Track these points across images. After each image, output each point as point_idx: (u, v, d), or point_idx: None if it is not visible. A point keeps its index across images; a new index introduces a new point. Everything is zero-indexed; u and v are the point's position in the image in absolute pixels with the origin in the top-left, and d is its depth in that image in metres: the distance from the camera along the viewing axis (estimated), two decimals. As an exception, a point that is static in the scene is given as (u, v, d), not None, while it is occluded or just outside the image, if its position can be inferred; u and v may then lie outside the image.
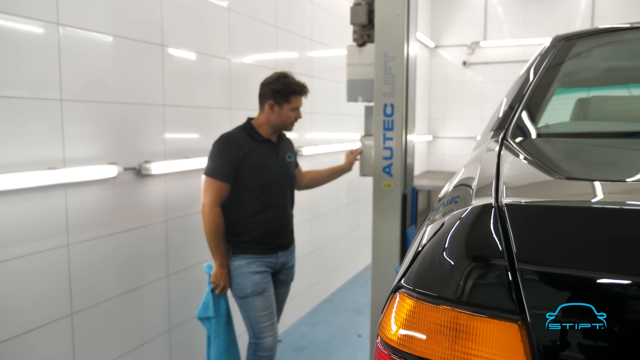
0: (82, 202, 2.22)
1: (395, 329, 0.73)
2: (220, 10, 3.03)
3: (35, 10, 1.98)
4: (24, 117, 1.97)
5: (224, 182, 2.42)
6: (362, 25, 2.81)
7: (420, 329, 0.70)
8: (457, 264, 0.71)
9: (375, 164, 2.77)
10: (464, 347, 0.67)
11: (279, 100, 2.50)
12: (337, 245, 4.89)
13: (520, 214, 0.74)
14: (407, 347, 0.71)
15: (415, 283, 0.74)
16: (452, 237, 0.75)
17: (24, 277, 2.00)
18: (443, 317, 0.69)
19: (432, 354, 0.68)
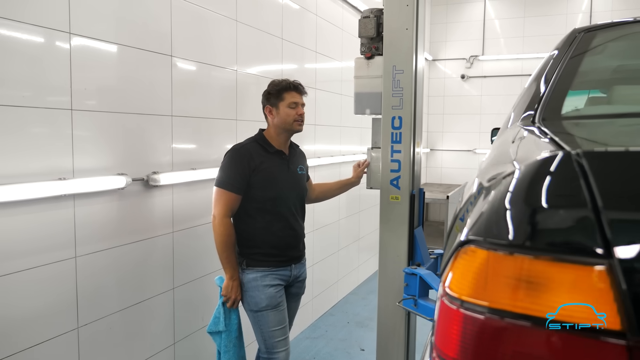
0: (91, 214, 2.19)
1: (464, 283, 0.70)
2: (228, 22, 3.03)
3: (48, 19, 1.96)
4: (35, 127, 1.94)
5: (235, 193, 2.39)
6: (371, 38, 2.81)
7: (495, 281, 0.67)
8: (537, 210, 0.68)
9: (382, 176, 2.76)
10: (544, 296, 0.63)
11: (273, 101, 2.50)
12: (338, 258, 4.87)
13: (599, 160, 0.71)
14: (481, 300, 0.67)
15: (487, 233, 0.70)
16: (529, 184, 0.72)
17: (31, 290, 1.96)
18: (521, 265, 0.65)
19: (509, 305, 0.65)
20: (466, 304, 0.69)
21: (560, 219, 0.67)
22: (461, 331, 0.69)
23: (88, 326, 2.21)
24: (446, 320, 0.72)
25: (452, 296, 0.72)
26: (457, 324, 0.70)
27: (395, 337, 2.79)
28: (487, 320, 0.67)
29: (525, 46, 7.19)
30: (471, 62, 7.55)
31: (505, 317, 0.65)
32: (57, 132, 2.03)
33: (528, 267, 0.65)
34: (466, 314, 0.69)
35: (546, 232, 0.67)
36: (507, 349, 0.65)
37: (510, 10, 7.30)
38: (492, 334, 0.67)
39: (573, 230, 0.65)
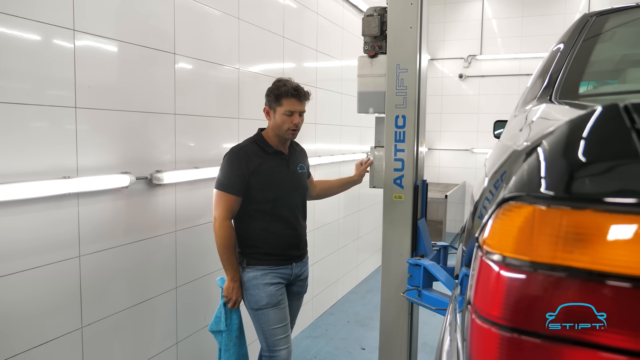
0: (94, 212, 2.17)
1: (508, 240, 0.68)
2: (230, 20, 3.02)
3: (52, 16, 1.94)
4: (39, 125, 1.92)
5: (235, 195, 2.38)
6: (374, 36, 2.80)
7: (541, 235, 0.65)
8: (584, 161, 0.66)
9: (386, 175, 2.75)
10: (593, 248, 0.62)
11: (272, 104, 2.47)
12: (337, 257, 4.86)
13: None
14: (527, 256, 0.66)
15: (531, 188, 0.68)
16: (574, 137, 0.70)
17: (35, 289, 1.95)
18: (569, 218, 0.63)
19: (558, 258, 0.63)
20: (510, 260, 0.67)
21: (609, 168, 0.66)
22: (506, 289, 0.68)
23: (92, 326, 2.19)
24: (488, 280, 0.71)
25: (494, 254, 0.70)
26: (501, 282, 0.69)
27: (397, 335, 2.79)
28: (534, 276, 0.66)
29: (523, 46, 7.21)
30: (469, 61, 7.56)
31: (553, 271, 0.64)
32: (61, 130, 2.01)
33: (576, 219, 0.63)
34: (511, 270, 0.67)
35: (594, 182, 0.65)
36: (554, 303, 0.64)
37: (508, 9, 7.32)
38: (540, 290, 0.65)
39: (623, 180, 0.64)
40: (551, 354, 0.64)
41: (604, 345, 0.61)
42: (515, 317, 0.67)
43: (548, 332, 0.64)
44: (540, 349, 0.65)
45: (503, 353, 0.68)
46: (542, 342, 0.65)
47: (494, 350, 0.69)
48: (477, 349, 0.73)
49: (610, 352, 0.61)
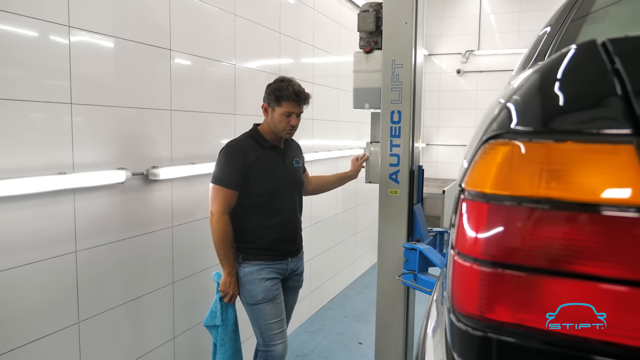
0: (91, 208, 2.18)
1: (488, 177, 0.69)
2: (226, 16, 3.02)
3: (47, 12, 1.95)
4: (34, 121, 1.93)
5: (231, 189, 2.39)
6: (370, 32, 2.81)
7: (520, 169, 0.66)
8: (560, 95, 0.68)
9: (382, 170, 2.77)
10: (571, 180, 0.63)
11: (271, 102, 2.48)
12: (335, 252, 4.88)
13: (624, 43, 0.71)
14: (507, 190, 0.67)
15: (509, 125, 0.69)
16: (550, 73, 0.71)
17: (31, 284, 1.96)
18: (547, 151, 0.65)
19: (537, 191, 0.65)
20: (491, 195, 0.69)
21: (585, 101, 0.67)
22: (486, 224, 0.69)
23: (88, 320, 2.21)
24: (470, 218, 0.72)
25: (475, 192, 0.71)
26: (481, 218, 0.70)
27: (393, 328, 2.81)
28: (514, 209, 0.67)
29: (520, 41, 7.20)
30: (467, 57, 7.56)
31: (533, 204, 0.65)
32: (56, 126, 2.01)
33: (554, 152, 0.65)
34: (492, 205, 0.69)
35: (571, 115, 0.66)
36: (536, 236, 0.65)
37: (506, 5, 7.31)
38: (520, 222, 0.66)
39: (599, 112, 0.65)
40: (534, 286, 0.66)
41: (587, 274, 0.62)
42: (496, 251, 0.68)
43: (530, 264, 0.65)
44: (522, 281, 0.66)
45: (485, 289, 0.69)
46: (525, 275, 0.66)
47: (476, 288, 0.70)
48: (459, 288, 0.74)
49: (593, 281, 0.62)
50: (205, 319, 2.49)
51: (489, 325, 0.69)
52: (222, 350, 2.48)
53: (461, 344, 0.75)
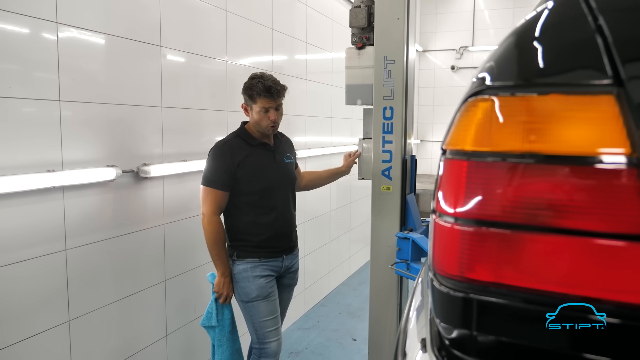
0: (80, 206, 2.17)
1: (468, 134, 0.68)
2: (217, 12, 3.00)
3: (35, 9, 1.93)
4: (22, 119, 1.91)
5: (221, 190, 2.39)
6: (362, 28, 2.79)
7: (500, 125, 0.66)
8: (537, 47, 0.67)
9: (374, 167, 2.76)
10: (552, 132, 0.63)
11: (248, 101, 2.46)
12: (329, 249, 4.88)
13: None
14: (486, 146, 0.66)
15: (487, 83, 0.68)
16: (528, 28, 0.70)
17: (21, 283, 1.94)
18: (526, 105, 0.64)
19: (517, 146, 0.64)
20: (471, 153, 0.68)
21: (565, 53, 0.66)
22: (466, 182, 0.68)
23: (79, 319, 2.19)
24: (450, 177, 0.71)
25: (455, 151, 0.70)
26: (461, 176, 0.69)
27: (386, 326, 2.81)
28: (494, 165, 0.66)
29: (514, 37, 7.20)
30: (461, 53, 7.56)
31: (514, 159, 0.64)
32: (45, 123, 2.00)
33: (534, 106, 0.64)
34: (471, 163, 0.68)
35: (551, 68, 0.65)
36: (517, 190, 0.64)
37: (500, 1, 7.31)
38: (500, 178, 0.66)
39: (579, 63, 0.64)
40: (515, 243, 0.65)
41: (571, 229, 0.62)
42: (477, 209, 0.67)
43: (512, 221, 0.65)
44: (504, 239, 0.66)
45: (466, 249, 0.68)
46: (506, 232, 0.65)
47: (457, 248, 0.70)
48: (440, 250, 0.73)
49: (578, 236, 0.61)
50: (202, 319, 2.49)
51: (470, 286, 0.69)
52: (220, 351, 2.48)
53: (443, 308, 0.74)
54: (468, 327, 0.70)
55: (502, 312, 0.68)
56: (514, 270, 0.65)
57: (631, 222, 0.58)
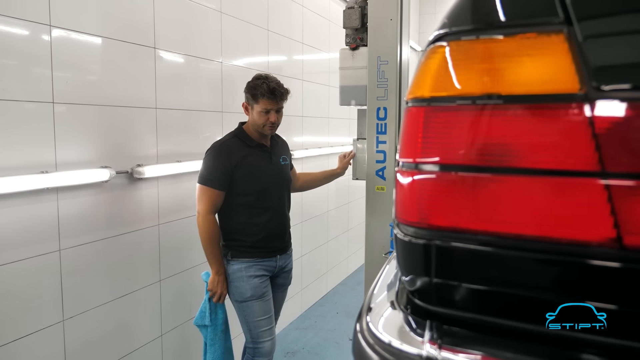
0: (74, 207, 2.18)
1: (428, 81, 0.69)
2: (212, 13, 3.02)
3: (27, 12, 1.94)
4: (15, 120, 1.93)
5: (217, 189, 2.40)
6: (355, 28, 2.81)
7: (458, 69, 0.67)
8: None
9: (368, 167, 2.77)
10: (508, 73, 0.64)
11: (250, 101, 2.48)
12: (327, 249, 4.88)
13: None
14: (443, 91, 0.67)
15: (447, 27, 0.69)
16: None
17: (15, 283, 1.96)
18: (482, 47, 0.65)
19: (472, 89, 0.65)
20: (430, 99, 0.69)
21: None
22: (423, 127, 0.69)
23: (73, 319, 2.21)
24: (410, 125, 0.72)
25: (415, 98, 0.71)
26: (420, 122, 0.70)
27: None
28: (451, 108, 0.67)
29: (513, 36, 7.20)
30: (460, 52, 7.56)
31: (470, 101, 0.65)
32: (38, 125, 2.01)
33: (490, 47, 0.65)
34: (429, 108, 0.69)
35: (505, 9, 0.66)
36: (474, 133, 0.65)
37: (499, 0, 7.30)
38: (458, 121, 0.67)
39: (530, 4, 0.66)
40: (473, 186, 0.66)
41: (523, 168, 0.63)
42: (436, 154, 0.69)
43: (468, 163, 0.66)
44: (462, 182, 0.67)
45: (426, 194, 0.70)
46: (464, 175, 0.66)
47: (418, 194, 0.71)
48: (402, 198, 0.74)
49: (529, 175, 0.63)
50: (195, 318, 2.50)
51: (430, 232, 0.70)
52: (212, 349, 2.49)
53: (405, 257, 0.75)
54: (428, 274, 0.71)
55: (462, 257, 0.69)
56: (471, 213, 0.67)
57: (581, 158, 0.59)
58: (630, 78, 0.58)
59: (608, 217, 0.58)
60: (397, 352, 0.68)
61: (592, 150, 0.58)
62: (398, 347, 0.69)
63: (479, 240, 0.66)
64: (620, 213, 0.58)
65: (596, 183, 0.59)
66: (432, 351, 0.66)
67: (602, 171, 0.58)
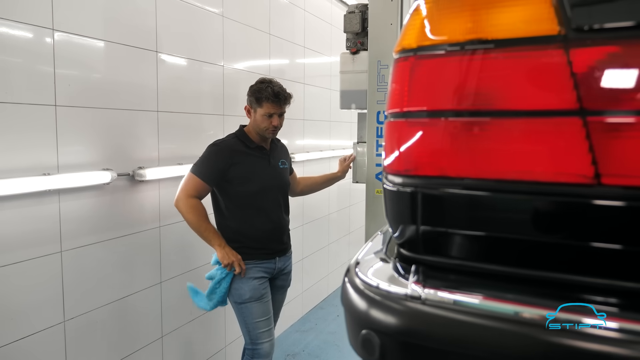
0: (76, 208, 2.20)
1: (413, 33, 0.72)
2: (214, 17, 3.04)
3: (31, 15, 1.97)
4: (18, 123, 1.95)
5: (204, 181, 2.40)
6: (356, 33, 2.83)
7: (438, 19, 0.70)
8: None
9: (368, 170, 2.78)
10: (489, 16, 0.66)
11: (253, 104, 2.50)
12: (328, 252, 4.90)
13: None
14: (427, 40, 0.70)
15: None
16: None
17: (17, 284, 1.98)
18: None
19: (456, 35, 0.67)
20: (416, 49, 0.72)
21: None
22: (410, 76, 0.72)
23: (74, 320, 2.23)
24: (398, 77, 0.74)
25: (402, 51, 0.74)
26: (407, 72, 0.72)
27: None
28: (436, 56, 0.69)
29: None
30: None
31: (453, 48, 0.68)
32: (41, 128, 2.04)
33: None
34: (415, 57, 0.71)
35: None
36: (459, 78, 0.67)
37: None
38: (444, 68, 0.69)
39: None
40: (462, 130, 0.68)
41: (507, 110, 0.65)
42: (421, 100, 0.71)
43: (455, 108, 0.68)
44: (448, 127, 0.69)
45: (414, 141, 0.72)
46: (450, 120, 0.69)
47: (405, 142, 0.73)
48: (389, 148, 0.76)
49: (513, 117, 0.65)
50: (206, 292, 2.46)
51: (417, 179, 0.72)
52: (224, 284, 2.44)
53: (393, 208, 0.77)
54: (415, 222, 0.73)
55: (448, 202, 0.71)
56: (456, 159, 0.69)
57: (560, 98, 0.61)
58: (606, 19, 0.60)
59: (586, 154, 0.60)
60: (385, 293, 0.71)
61: (571, 89, 0.60)
62: (386, 289, 0.72)
63: (465, 184, 0.68)
64: (598, 150, 0.60)
65: (575, 121, 0.61)
66: (417, 289, 0.69)
67: (580, 109, 0.60)
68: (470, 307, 0.65)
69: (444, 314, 0.65)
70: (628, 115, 0.58)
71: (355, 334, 0.73)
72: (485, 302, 0.65)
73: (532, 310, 0.61)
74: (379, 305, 0.71)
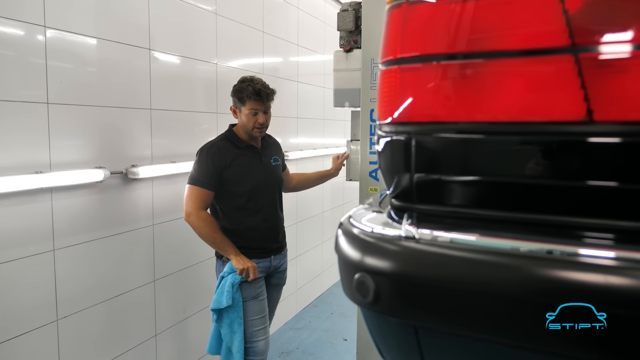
0: (69, 207, 2.20)
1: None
2: (207, 15, 3.03)
3: (22, 12, 1.96)
4: (10, 121, 1.94)
5: (207, 189, 2.41)
6: (349, 31, 2.83)
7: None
8: None
9: (362, 168, 2.79)
10: None
11: (237, 103, 2.51)
12: (322, 250, 4.90)
13: None
14: None
15: None
16: None
17: (9, 283, 1.97)
18: None
19: None
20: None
21: None
22: (402, 22, 0.73)
23: (67, 319, 2.22)
24: (392, 24, 0.75)
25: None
26: (400, 19, 0.73)
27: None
28: None
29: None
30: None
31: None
32: (32, 126, 2.03)
33: None
34: (408, 3, 0.73)
35: None
36: (453, 22, 0.68)
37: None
38: (437, 12, 0.70)
39: None
40: (455, 72, 0.69)
41: (501, 51, 0.65)
42: (416, 47, 0.72)
43: (449, 51, 0.68)
44: (439, 72, 0.70)
45: (405, 88, 0.72)
46: (447, 63, 0.69)
47: (399, 89, 0.74)
48: (383, 98, 0.77)
49: (506, 57, 0.65)
50: (212, 303, 2.42)
51: (410, 125, 0.73)
52: (239, 331, 2.42)
53: (387, 157, 0.78)
54: (409, 170, 0.73)
55: (443, 148, 0.71)
56: (450, 103, 0.69)
57: (552, 34, 0.62)
58: None
59: (579, 91, 0.60)
60: (379, 236, 0.72)
61: (563, 25, 0.61)
62: (380, 232, 0.72)
63: (458, 129, 0.69)
64: (590, 86, 0.60)
65: (567, 58, 0.61)
66: (411, 229, 0.69)
67: (572, 46, 0.60)
68: (467, 244, 0.65)
69: (439, 251, 0.65)
70: (618, 51, 0.59)
71: (349, 279, 0.73)
72: (482, 239, 0.65)
73: (530, 245, 0.61)
74: (373, 247, 0.71)
